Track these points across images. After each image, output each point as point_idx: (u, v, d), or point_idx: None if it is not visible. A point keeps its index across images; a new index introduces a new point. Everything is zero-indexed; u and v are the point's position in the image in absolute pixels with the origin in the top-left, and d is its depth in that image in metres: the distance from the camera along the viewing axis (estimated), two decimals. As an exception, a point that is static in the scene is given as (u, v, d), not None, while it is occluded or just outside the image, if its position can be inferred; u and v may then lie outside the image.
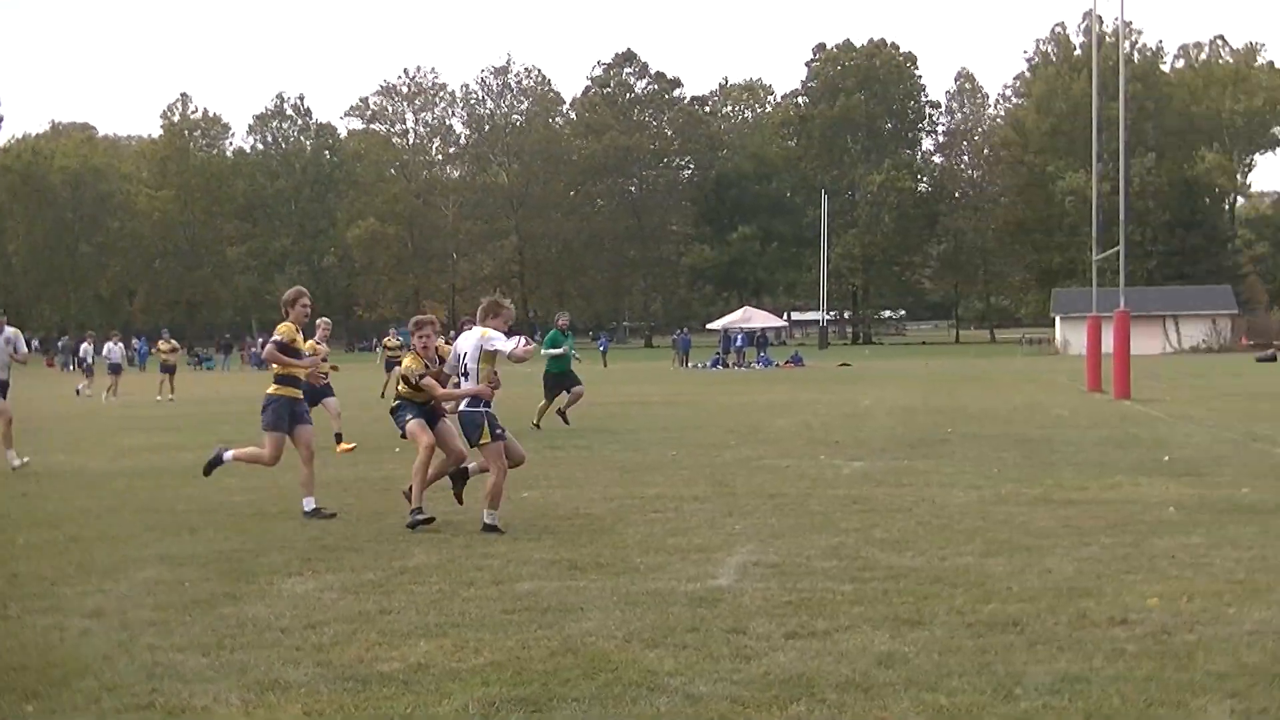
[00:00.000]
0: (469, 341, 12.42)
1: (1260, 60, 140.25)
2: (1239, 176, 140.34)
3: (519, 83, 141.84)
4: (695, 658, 7.41)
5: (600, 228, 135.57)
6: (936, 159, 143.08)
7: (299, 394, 13.77)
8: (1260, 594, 8.90)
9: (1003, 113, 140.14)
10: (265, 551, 11.33)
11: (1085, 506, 13.41)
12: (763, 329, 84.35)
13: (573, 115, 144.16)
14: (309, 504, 13.38)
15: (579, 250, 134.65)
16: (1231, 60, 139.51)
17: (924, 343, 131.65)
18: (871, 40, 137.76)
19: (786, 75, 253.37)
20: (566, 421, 24.94)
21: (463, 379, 12.40)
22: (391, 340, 39.34)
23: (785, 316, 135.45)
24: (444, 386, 12.66)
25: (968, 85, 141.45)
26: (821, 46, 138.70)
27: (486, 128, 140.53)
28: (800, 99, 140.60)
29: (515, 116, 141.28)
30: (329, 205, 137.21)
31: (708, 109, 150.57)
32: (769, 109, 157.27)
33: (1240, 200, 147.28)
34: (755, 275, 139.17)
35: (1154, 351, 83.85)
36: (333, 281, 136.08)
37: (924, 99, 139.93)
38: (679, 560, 10.59)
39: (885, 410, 30.80)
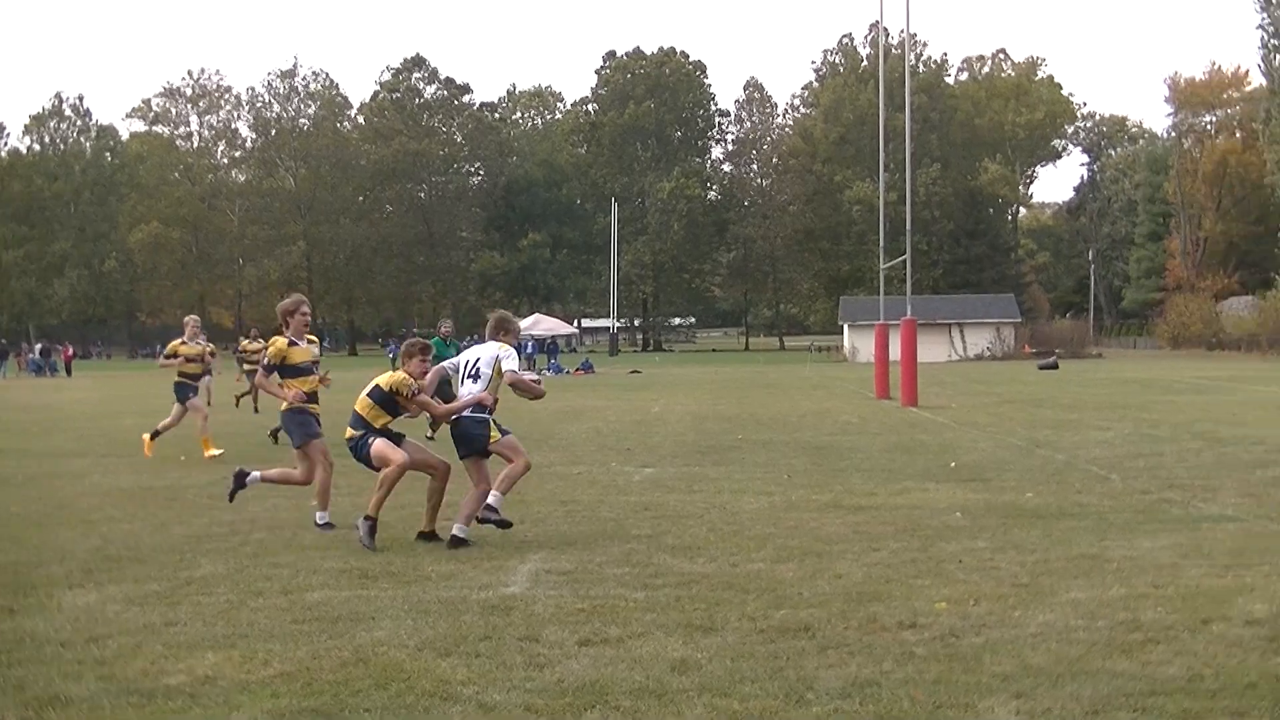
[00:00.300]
0: (485, 351, 12.19)
1: (1041, 74, 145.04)
2: (1021, 188, 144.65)
3: (306, 86, 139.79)
4: (488, 666, 7.37)
5: (389, 233, 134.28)
6: (726, 167, 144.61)
7: (317, 408, 13.08)
8: (1044, 596, 9.13)
9: (791, 122, 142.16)
10: (44, 563, 10.97)
11: (874, 512, 13.63)
12: (553, 336, 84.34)
13: (361, 120, 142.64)
14: (322, 517, 12.87)
15: (367, 256, 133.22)
16: (1013, 74, 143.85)
17: (714, 350, 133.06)
18: (661, 49, 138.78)
19: (576, 82, 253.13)
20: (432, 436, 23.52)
21: (469, 381, 12.08)
22: (251, 344, 35.71)
23: (576, 323, 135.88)
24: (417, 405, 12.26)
25: (757, 94, 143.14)
26: (612, 54, 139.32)
27: (273, 131, 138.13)
28: (590, 106, 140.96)
29: (303, 120, 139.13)
30: (110, 208, 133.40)
31: (497, 115, 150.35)
32: (559, 116, 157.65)
33: (1023, 211, 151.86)
34: (545, 282, 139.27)
35: (940, 359, 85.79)
36: (114, 286, 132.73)
37: (714, 107, 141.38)
38: (471, 568, 10.51)
39: (676, 417, 31.00)
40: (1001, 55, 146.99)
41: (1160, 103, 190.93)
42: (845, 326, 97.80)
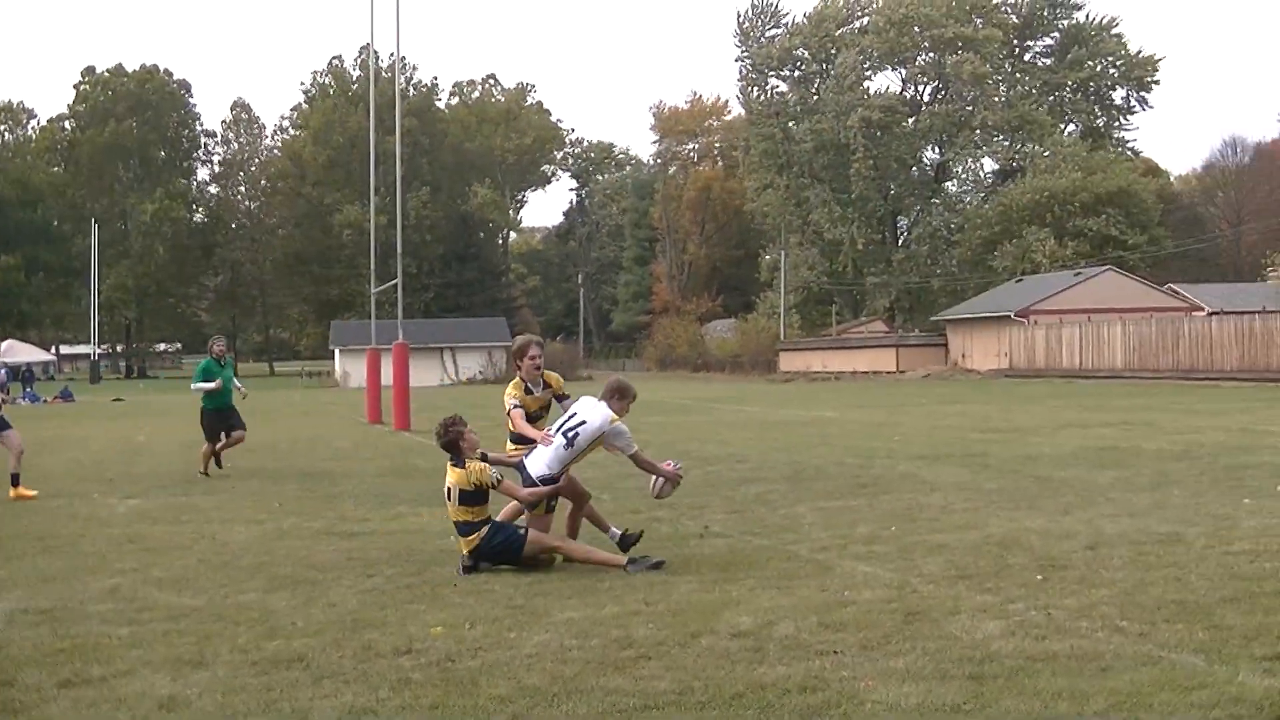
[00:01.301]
0: (594, 417, 11.58)
1: (530, 100, 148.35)
2: (511, 212, 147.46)
3: None
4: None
5: None
6: (213, 189, 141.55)
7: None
8: (539, 617, 9.31)
9: (280, 144, 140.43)
10: None
11: (368, 538, 13.61)
12: (28, 363, 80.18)
13: None
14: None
15: None
16: (503, 99, 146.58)
17: (311, 373, 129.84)
18: (144, 66, 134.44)
19: (51, 98, 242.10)
20: (219, 465, 21.98)
21: (564, 446, 11.49)
22: None
23: (54, 350, 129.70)
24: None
25: (244, 115, 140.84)
26: (91, 70, 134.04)
27: None
28: (67, 123, 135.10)
29: None
30: None
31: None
32: (32, 133, 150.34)
33: (513, 235, 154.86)
34: (19, 307, 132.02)
35: (433, 383, 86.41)
36: None
37: (199, 128, 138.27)
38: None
39: (163, 445, 30.06)
40: (492, 81, 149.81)
41: (646, 130, 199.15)
42: (337, 351, 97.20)
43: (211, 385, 21.81)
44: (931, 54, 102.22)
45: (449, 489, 11.49)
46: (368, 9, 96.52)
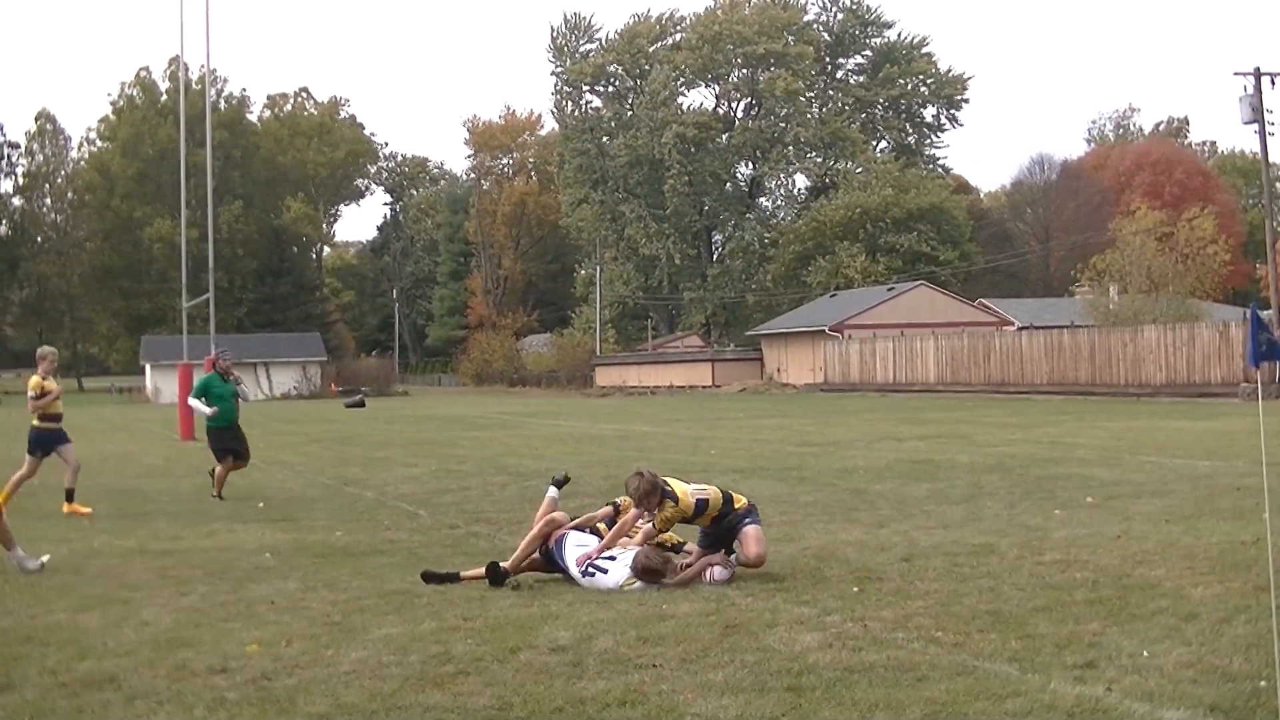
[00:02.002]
0: (614, 573, 11.00)
1: (343, 114, 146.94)
2: (325, 226, 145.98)
3: None
4: None
5: None
6: (17, 201, 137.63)
7: None
8: (356, 634, 9.24)
9: (88, 156, 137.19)
10: None
11: (182, 556, 13.38)
12: None
13: None
14: None
15: None
16: (316, 113, 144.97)
17: (6, 393, 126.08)
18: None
19: None
20: (220, 496, 19.30)
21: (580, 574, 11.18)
22: None
23: None
24: None
25: (49, 126, 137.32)
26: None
27: None
28: None
29: None
30: None
31: None
32: None
33: (327, 250, 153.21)
34: None
35: (248, 399, 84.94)
36: None
37: (2, 140, 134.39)
38: None
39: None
40: (304, 94, 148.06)
41: (460, 145, 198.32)
42: (148, 367, 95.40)
43: (207, 411, 20.04)
44: (744, 70, 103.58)
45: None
46: (177, 20, 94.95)
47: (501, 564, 11.26)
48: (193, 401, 20.52)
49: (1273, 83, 51.01)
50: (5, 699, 7.60)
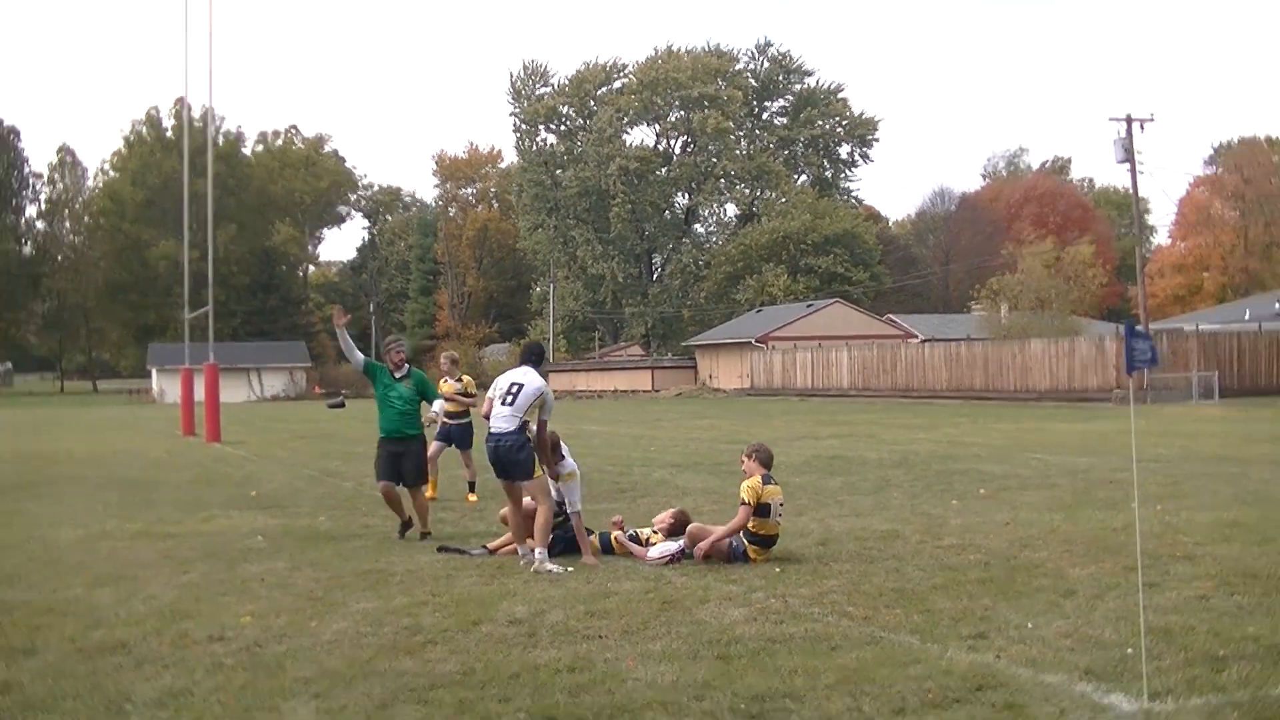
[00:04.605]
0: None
1: (328, 148, 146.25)
2: (310, 248, 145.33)
3: None
4: None
5: None
6: (40, 225, 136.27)
7: None
8: (337, 607, 9.25)
9: (102, 184, 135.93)
10: None
11: (182, 539, 13.31)
12: None
13: None
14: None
15: None
16: (303, 147, 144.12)
17: (30, 393, 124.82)
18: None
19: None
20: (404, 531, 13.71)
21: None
22: None
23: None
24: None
25: (69, 159, 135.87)
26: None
27: None
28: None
29: None
30: None
31: None
32: None
33: (311, 268, 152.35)
34: None
35: (241, 399, 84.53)
36: None
37: (28, 170, 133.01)
38: None
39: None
40: (293, 130, 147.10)
41: (429, 175, 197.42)
42: (154, 371, 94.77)
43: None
44: (681, 111, 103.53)
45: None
46: (182, 65, 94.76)
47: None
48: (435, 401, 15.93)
49: (1142, 127, 51.60)
50: (30, 663, 7.59)
